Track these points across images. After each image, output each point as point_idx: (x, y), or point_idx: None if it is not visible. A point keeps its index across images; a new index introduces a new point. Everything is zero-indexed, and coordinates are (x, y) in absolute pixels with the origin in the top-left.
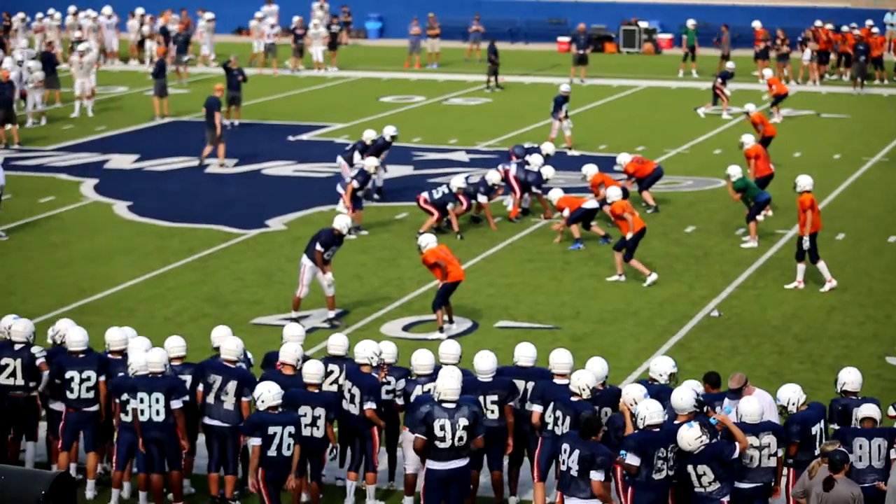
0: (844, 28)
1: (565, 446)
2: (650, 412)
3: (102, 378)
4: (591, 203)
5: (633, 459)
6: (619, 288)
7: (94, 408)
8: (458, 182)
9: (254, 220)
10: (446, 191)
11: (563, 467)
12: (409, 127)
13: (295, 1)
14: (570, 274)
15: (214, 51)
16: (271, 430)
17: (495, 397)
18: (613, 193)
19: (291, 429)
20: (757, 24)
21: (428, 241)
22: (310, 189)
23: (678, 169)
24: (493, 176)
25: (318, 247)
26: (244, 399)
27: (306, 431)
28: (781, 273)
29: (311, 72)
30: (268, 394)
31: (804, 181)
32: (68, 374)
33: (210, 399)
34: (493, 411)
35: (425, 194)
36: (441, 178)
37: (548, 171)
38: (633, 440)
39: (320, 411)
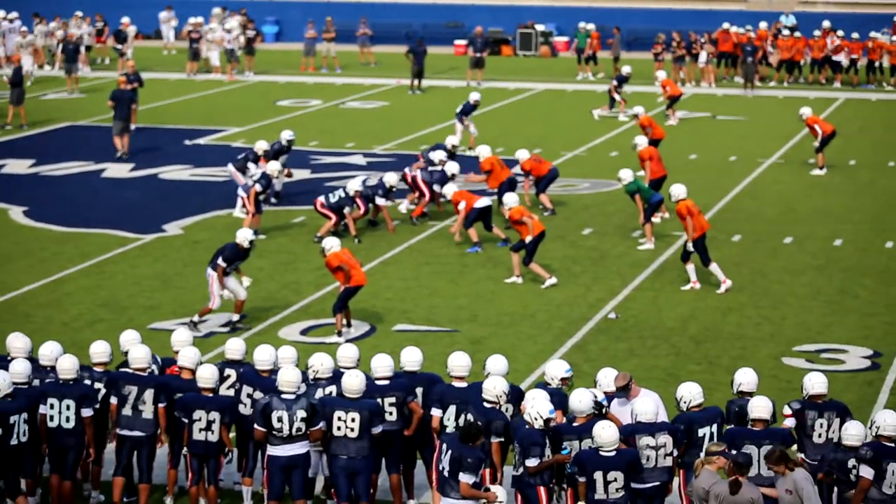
0: (739, 29)
1: (443, 446)
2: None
3: None
4: (483, 201)
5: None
6: (516, 290)
7: None
8: (354, 185)
9: (151, 224)
10: (343, 194)
11: (440, 466)
12: (306, 131)
13: (191, 4)
14: (468, 277)
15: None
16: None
17: (393, 399)
18: (510, 200)
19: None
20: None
21: (332, 244)
22: (207, 193)
23: (575, 171)
24: (391, 178)
25: (221, 261)
26: (161, 406)
27: (201, 436)
28: (678, 275)
29: (207, 75)
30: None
31: (677, 191)
32: None
33: (127, 410)
34: (391, 413)
35: (322, 198)
36: (338, 181)
37: (452, 168)
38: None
39: (215, 415)
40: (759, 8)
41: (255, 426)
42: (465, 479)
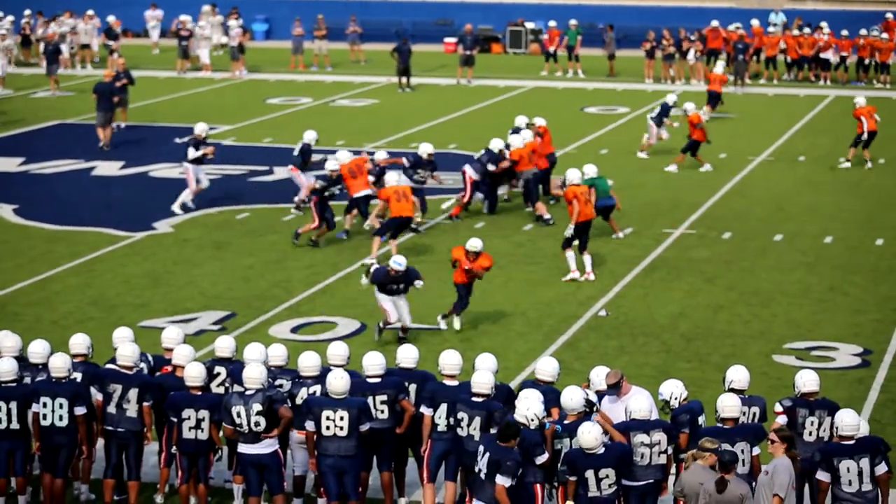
0: (732, 27)
1: (481, 448)
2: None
3: None
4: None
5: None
6: (506, 288)
7: None
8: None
9: (140, 222)
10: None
11: (477, 468)
12: (296, 129)
13: (178, 2)
14: None
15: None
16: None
17: (384, 397)
18: (573, 176)
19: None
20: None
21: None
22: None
23: (565, 169)
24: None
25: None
26: (146, 404)
27: (191, 434)
28: (668, 272)
29: (197, 73)
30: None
31: (571, 175)
32: None
33: (111, 408)
34: (382, 411)
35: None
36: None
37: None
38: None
39: (204, 413)
40: (749, 5)
41: (223, 423)
42: (502, 481)
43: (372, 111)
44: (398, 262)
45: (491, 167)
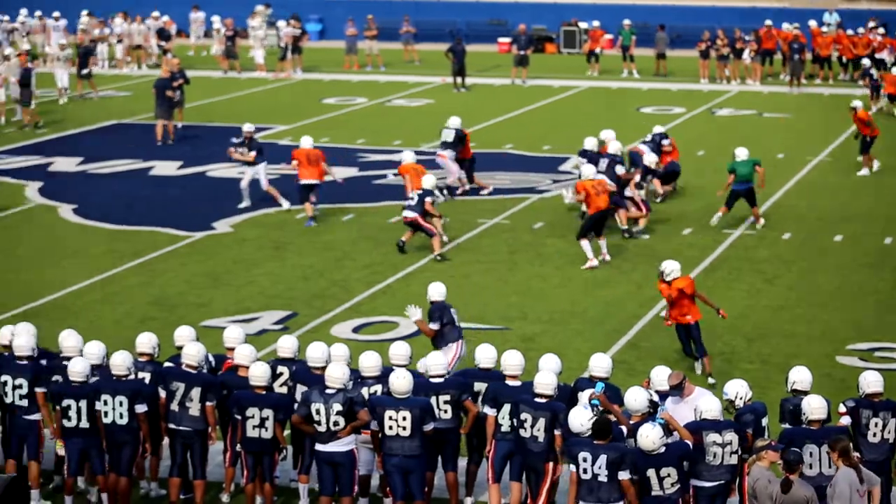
0: (788, 27)
1: (584, 454)
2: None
3: (42, 389)
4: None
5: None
6: (566, 288)
7: (34, 416)
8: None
9: (200, 222)
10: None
11: (587, 475)
12: (353, 128)
13: (227, 3)
14: (517, 274)
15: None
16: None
17: (447, 397)
18: (587, 171)
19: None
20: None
21: (587, 172)
22: (255, 191)
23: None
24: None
25: None
26: (209, 404)
27: (255, 433)
28: (729, 273)
29: (251, 73)
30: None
31: (586, 170)
32: (2, 379)
33: (174, 406)
34: (445, 411)
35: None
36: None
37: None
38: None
39: (268, 412)
40: (803, 5)
41: (295, 413)
42: (625, 476)
43: (427, 111)
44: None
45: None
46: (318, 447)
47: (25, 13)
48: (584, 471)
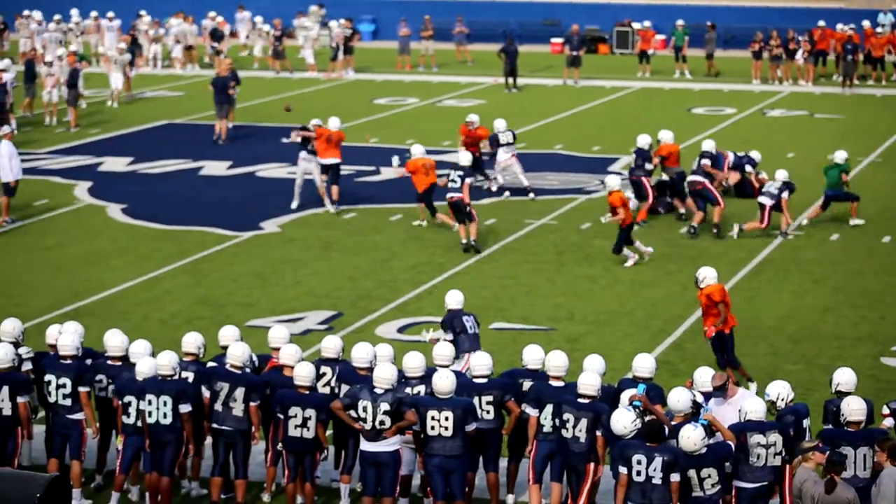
0: (843, 27)
1: (639, 457)
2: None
3: (85, 389)
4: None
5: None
6: (613, 289)
7: (77, 415)
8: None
9: (248, 222)
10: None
11: (641, 478)
12: (403, 129)
13: (275, 2)
14: (565, 275)
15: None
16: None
17: (490, 398)
18: (613, 182)
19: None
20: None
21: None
22: (304, 191)
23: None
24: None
25: None
26: (252, 404)
27: (297, 432)
28: (776, 274)
29: (303, 73)
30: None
31: (612, 182)
32: (47, 378)
33: (218, 406)
34: (488, 412)
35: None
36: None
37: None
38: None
39: (311, 412)
40: (858, 5)
41: (338, 401)
42: (676, 478)
43: (478, 111)
44: None
45: (648, 166)
46: (364, 447)
47: (77, 13)
48: (638, 473)
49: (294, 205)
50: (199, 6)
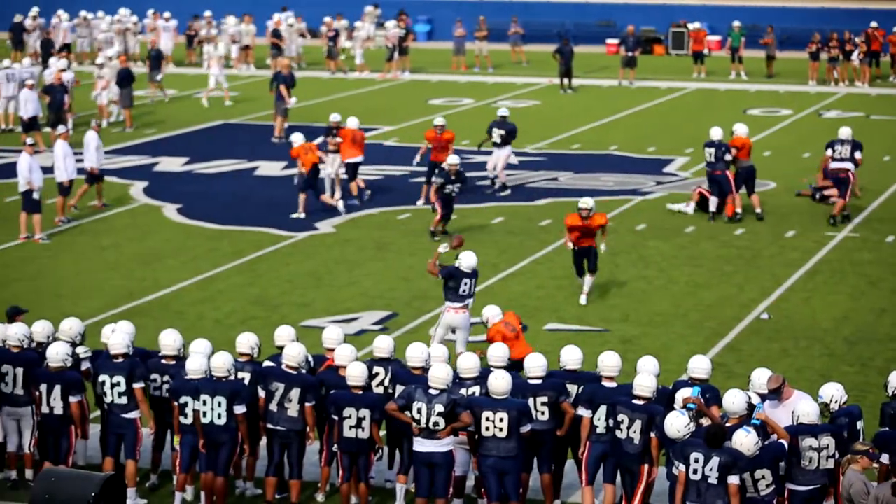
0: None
1: (696, 455)
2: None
3: (139, 385)
4: None
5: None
6: (668, 291)
7: (132, 414)
8: None
9: (303, 222)
10: None
11: (697, 476)
12: (458, 129)
13: (330, 3)
14: (619, 276)
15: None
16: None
17: (545, 398)
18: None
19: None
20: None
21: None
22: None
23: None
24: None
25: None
26: (308, 404)
27: (351, 433)
28: (831, 275)
29: (358, 74)
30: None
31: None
32: (101, 378)
33: (273, 407)
34: (543, 413)
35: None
36: (486, 180)
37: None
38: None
39: (365, 412)
40: None
41: (393, 401)
42: (734, 480)
43: (534, 112)
44: None
45: (728, 157)
46: (417, 447)
47: (128, 13)
48: (695, 471)
49: (339, 205)
50: (251, 6)
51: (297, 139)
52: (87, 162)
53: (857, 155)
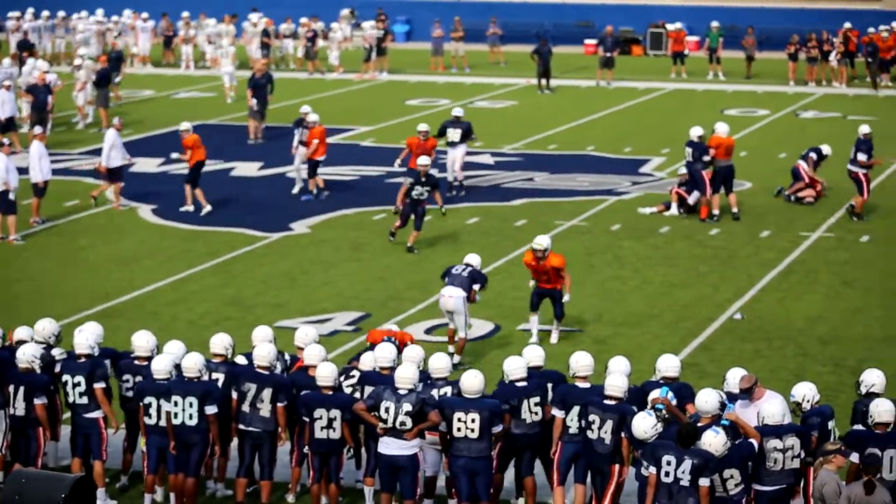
0: (871, 30)
1: (668, 458)
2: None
3: (100, 385)
4: None
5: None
6: (642, 291)
7: (94, 414)
8: None
9: (278, 223)
10: None
11: (669, 479)
12: (435, 130)
13: (308, 3)
14: (594, 277)
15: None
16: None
17: (537, 399)
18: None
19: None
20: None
21: None
22: (335, 192)
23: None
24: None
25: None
26: (280, 405)
27: (322, 434)
28: (806, 276)
29: (335, 74)
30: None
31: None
32: (63, 378)
33: (245, 407)
34: (536, 413)
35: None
36: (467, 180)
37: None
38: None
39: (336, 413)
40: (894, 7)
41: (361, 402)
42: (705, 482)
43: (511, 113)
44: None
45: (706, 157)
46: (382, 449)
47: (102, 13)
48: (667, 474)
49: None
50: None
51: (187, 127)
52: (104, 160)
53: (860, 156)
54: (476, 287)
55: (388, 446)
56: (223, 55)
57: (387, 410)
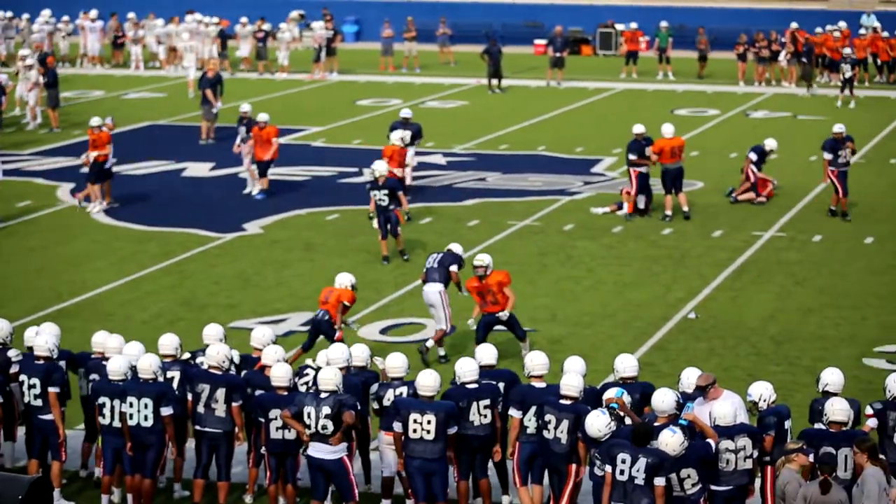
0: (818, 30)
1: (623, 456)
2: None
3: (54, 389)
4: None
5: None
6: (596, 290)
7: (49, 416)
8: None
9: (230, 223)
10: None
11: (623, 477)
12: (386, 130)
13: (256, 4)
14: (547, 277)
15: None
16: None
17: (487, 401)
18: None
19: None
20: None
21: None
22: (287, 192)
23: (654, 171)
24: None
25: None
26: (234, 405)
27: (278, 434)
28: (759, 275)
29: (284, 75)
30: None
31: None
32: (20, 378)
33: (200, 408)
34: (485, 416)
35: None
36: (419, 180)
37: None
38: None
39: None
40: (840, 7)
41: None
42: (660, 482)
43: (462, 113)
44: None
45: (632, 157)
46: (310, 452)
47: (49, 14)
48: (621, 472)
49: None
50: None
51: (96, 122)
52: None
53: (826, 155)
54: (454, 268)
55: (316, 450)
56: (187, 50)
57: (308, 416)
